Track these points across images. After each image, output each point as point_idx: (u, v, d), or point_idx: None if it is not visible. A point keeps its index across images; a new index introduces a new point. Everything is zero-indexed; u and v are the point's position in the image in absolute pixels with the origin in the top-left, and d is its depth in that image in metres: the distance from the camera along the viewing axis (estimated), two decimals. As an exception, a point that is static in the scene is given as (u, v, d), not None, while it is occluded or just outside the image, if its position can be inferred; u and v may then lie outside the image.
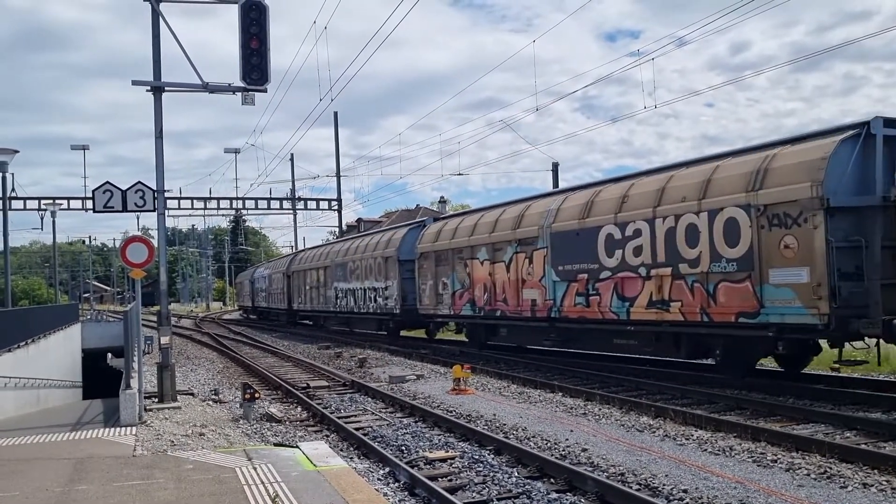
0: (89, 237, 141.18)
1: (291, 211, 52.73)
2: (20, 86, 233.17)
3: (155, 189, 13.53)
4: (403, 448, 9.91)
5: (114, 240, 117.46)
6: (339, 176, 48.80)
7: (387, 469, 8.92)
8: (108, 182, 13.47)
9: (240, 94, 13.20)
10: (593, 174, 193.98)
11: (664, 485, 7.55)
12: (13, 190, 37.45)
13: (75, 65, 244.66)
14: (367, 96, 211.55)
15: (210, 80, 13.65)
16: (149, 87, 13.51)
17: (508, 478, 8.18)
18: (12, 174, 33.70)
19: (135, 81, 13.49)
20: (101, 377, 26.77)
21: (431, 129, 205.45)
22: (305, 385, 16.30)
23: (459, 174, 44.87)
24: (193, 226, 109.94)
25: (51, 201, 39.78)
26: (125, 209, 13.41)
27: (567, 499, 7.45)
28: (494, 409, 12.37)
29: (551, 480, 8.09)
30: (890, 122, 11.18)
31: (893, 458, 7.92)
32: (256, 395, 13.05)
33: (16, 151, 24.79)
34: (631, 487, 7.45)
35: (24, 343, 18.89)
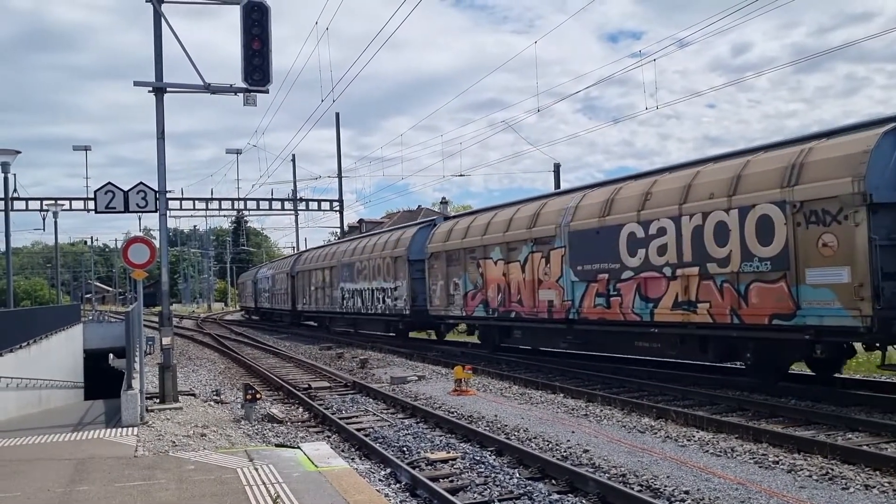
0: (91, 238, 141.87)
1: (293, 212, 52.88)
2: (23, 87, 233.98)
3: (157, 190, 13.57)
4: (405, 449, 9.92)
5: (116, 240, 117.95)
6: (340, 177, 48.98)
7: (388, 470, 8.93)
8: (109, 183, 13.53)
9: (241, 95, 13.26)
10: (595, 175, 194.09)
11: (666, 486, 7.55)
12: (15, 190, 37.75)
13: (78, 66, 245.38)
14: (368, 97, 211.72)
15: (212, 80, 13.73)
16: (151, 88, 13.56)
17: (510, 479, 8.18)
18: (14, 175, 33.91)
19: (137, 82, 13.55)
20: (102, 378, 26.75)
21: (433, 130, 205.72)
22: (307, 386, 16.30)
23: (461, 175, 45.16)
24: (195, 226, 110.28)
25: (53, 202, 39.78)
26: (127, 210, 13.44)
27: (568, 500, 7.46)
28: (496, 410, 12.37)
29: (553, 481, 8.09)
30: None
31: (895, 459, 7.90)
32: (258, 395, 13.06)
33: (18, 152, 24.80)
34: (632, 489, 7.45)
35: (26, 344, 18.90)
